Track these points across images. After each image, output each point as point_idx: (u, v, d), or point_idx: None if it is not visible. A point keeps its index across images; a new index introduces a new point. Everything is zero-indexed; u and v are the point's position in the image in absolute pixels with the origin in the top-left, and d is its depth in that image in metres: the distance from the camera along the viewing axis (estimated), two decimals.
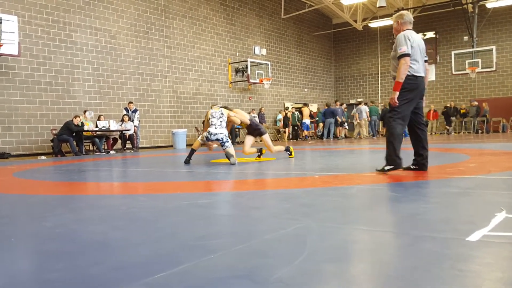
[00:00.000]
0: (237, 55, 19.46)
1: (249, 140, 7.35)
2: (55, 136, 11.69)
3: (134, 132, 13.63)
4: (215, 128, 6.66)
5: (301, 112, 20.19)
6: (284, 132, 20.10)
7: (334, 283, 1.47)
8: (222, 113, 6.80)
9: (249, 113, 18.69)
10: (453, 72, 20.77)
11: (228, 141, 6.71)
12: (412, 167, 4.53)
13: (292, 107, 21.20)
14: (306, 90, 24.11)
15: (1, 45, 10.64)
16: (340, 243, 1.94)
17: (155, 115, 15.74)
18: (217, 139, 6.68)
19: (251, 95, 20.20)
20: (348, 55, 26.28)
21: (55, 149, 11.63)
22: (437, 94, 23.15)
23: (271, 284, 1.43)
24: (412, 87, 4.33)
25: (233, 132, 16.76)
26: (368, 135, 20.00)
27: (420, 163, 4.51)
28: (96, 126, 12.34)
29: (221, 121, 6.75)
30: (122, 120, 13.20)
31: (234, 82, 19.14)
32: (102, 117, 12.78)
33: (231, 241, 2.02)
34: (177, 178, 5.13)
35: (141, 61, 15.31)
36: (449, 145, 9.79)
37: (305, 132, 20.12)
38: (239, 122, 7.09)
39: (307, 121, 20.06)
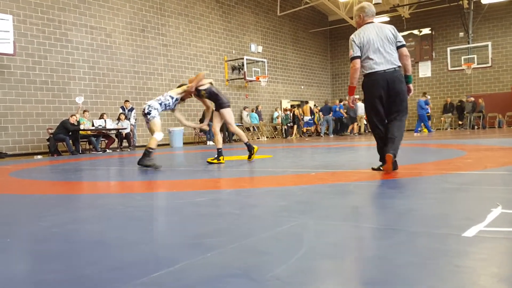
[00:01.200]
0: (233, 52, 19.44)
1: (216, 116, 6.51)
2: (51, 135, 11.65)
3: (131, 130, 13.61)
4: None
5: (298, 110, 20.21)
6: (292, 128, 20.04)
7: (331, 280, 1.47)
8: (165, 92, 6.30)
9: (246, 110, 18.66)
10: (449, 68, 20.80)
11: (151, 112, 5.93)
12: (381, 168, 4.25)
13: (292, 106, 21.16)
14: (302, 87, 24.11)
15: None
16: (337, 241, 1.94)
17: None
18: (143, 114, 6.01)
19: (247, 92, 20.19)
20: (344, 52, 26.25)
21: (51, 149, 11.58)
22: (433, 90, 23.18)
23: (268, 282, 1.43)
24: (367, 85, 4.20)
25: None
26: (364, 132, 20.00)
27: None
28: (93, 125, 12.31)
29: (159, 97, 6.16)
30: (119, 119, 13.17)
31: (230, 79, 19.11)
32: (104, 115, 12.77)
33: (227, 239, 2.01)
34: (172, 176, 5.12)
35: (137, 59, 15.27)
36: (445, 141, 9.82)
37: (305, 129, 20.11)
38: (193, 89, 6.20)
39: (307, 118, 20.06)
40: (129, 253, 1.89)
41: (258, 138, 18.75)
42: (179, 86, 6.42)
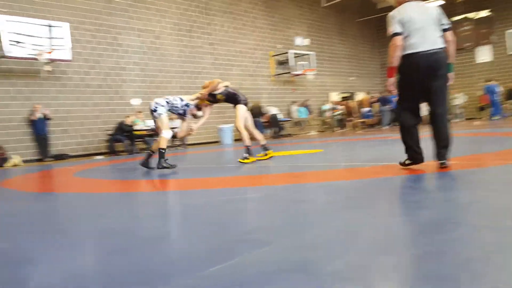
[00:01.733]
0: (279, 47, 19.38)
1: (239, 110, 6.34)
2: (110, 136, 12.19)
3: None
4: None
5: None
6: (344, 120, 19.70)
7: (390, 276, 1.46)
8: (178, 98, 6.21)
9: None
10: (509, 53, 19.64)
11: (157, 109, 5.84)
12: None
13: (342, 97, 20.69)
14: (351, 78, 23.66)
15: (52, 51, 11.14)
16: (395, 235, 1.91)
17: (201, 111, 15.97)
18: (150, 111, 5.93)
19: (294, 87, 20.09)
20: None
21: (110, 149, 12.12)
22: (493, 76, 22.00)
23: (325, 277, 1.43)
24: (406, 69, 3.73)
25: (275, 122, 16.70)
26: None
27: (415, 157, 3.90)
28: (146, 125, 12.71)
29: (168, 96, 6.15)
30: (170, 118, 13.52)
31: (276, 75, 19.08)
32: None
33: (281, 234, 2.03)
34: (224, 173, 5.20)
35: (185, 59, 15.58)
36: (509, 129, 9.33)
37: (364, 121, 19.59)
38: (205, 96, 6.18)
39: (365, 109, 19.60)
40: (186, 248, 1.96)
41: (307, 133, 18.62)
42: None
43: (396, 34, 3.68)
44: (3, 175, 7.64)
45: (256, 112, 15.70)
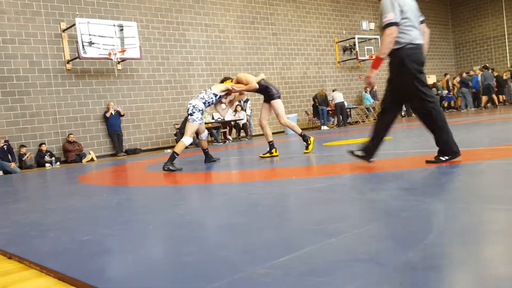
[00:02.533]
0: (344, 33, 18.95)
1: (264, 109, 6.13)
2: (178, 130, 12.63)
3: (247, 121, 14.11)
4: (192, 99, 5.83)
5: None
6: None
7: (466, 266, 1.39)
8: (209, 89, 5.94)
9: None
10: None
11: (193, 114, 5.63)
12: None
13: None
14: None
15: (125, 50, 11.72)
16: (471, 224, 1.82)
17: None
18: (188, 113, 5.75)
19: (360, 73, 19.57)
20: (468, 18, 23.96)
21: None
22: None
23: (397, 267, 1.40)
24: (420, 58, 3.50)
25: (341, 110, 16.34)
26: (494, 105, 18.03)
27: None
28: (212, 118, 13.02)
29: (202, 95, 5.80)
30: (235, 110, 13.75)
31: (342, 61, 18.69)
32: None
33: (351, 225, 2.00)
34: (290, 163, 5.20)
35: (249, 51, 15.71)
36: None
37: (445, 104, 18.61)
38: (239, 91, 5.89)
39: (445, 92, 18.64)
40: (256, 237, 1.99)
41: (374, 119, 18.09)
42: (222, 82, 6.01)
43: (394, 24, 3.39)
44: (81, 170, 8.19)
45: (321, 100, 15.51)
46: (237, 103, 5.32)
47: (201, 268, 1.64)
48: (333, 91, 16.56)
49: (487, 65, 19.18)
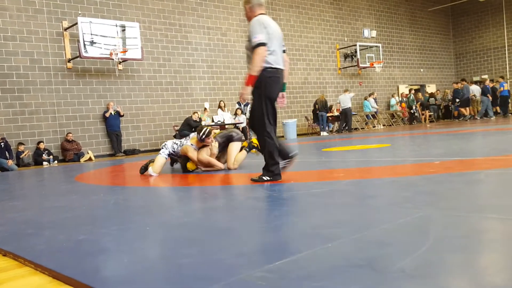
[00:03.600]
0: (346, 40, 19.00)
1: (232, 150, 5.49)
2: (177, 132, 12.62)
3: (247, 124, 14.12)
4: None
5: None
6: (423, 114, 18.99)
7: (462, 274, 1.39)
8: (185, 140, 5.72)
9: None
10: None
11: (161, 149, 5.70)
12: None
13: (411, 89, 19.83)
14: (422, 70, 22.67)
15: (126, 51, 11.73)
16: (467, 233, 1.82)
17: None
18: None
19: (361, 80, 19.62)
20: (469, 28, 24.05)
21: None
22: None
23: (393, 274, 1.40)
24: (274, 82, 3.73)
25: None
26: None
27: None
28: (212, 121, 13.02)
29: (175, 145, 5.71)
30: (235, 114, 13.75)
31: (343, 68, 18.74)
32: (221, 102, 13.54)
33: (348, 230, 2.00)
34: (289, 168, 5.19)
35: None
36: None
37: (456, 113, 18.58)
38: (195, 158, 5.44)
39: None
40: (253, 241, 1.99)
41: (374, 127, 18.14)
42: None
43: (263, 44, 3.63)
44: (79, 169, 8.17)
45: (321, 106, 15.53)
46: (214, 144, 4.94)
47: (197, 270, 1.63)
48: (345, 91, 16.42)
49: (465, 78, 19.50)
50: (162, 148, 5.73)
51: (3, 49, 10.81)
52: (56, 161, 11.00)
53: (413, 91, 19.33)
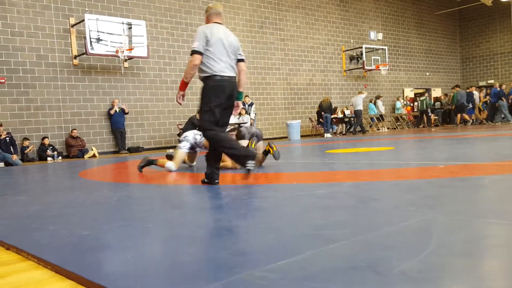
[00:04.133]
0: (352, 42, 18.97)
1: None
2: (181, 131, 12.61)
3: (251, 124, 14.12)
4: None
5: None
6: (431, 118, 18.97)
7: (464, 279, 1.39)
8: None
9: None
10: None
11: (181, 142, 5.72)
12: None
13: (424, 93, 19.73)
14: (428, 74, 22.61)
15: (132, 49, 11.76)
16: (471, 238, 1.81)
17: (269, 107, 16.10)
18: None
19: (366, 82, 19.58)
20: (476, 33, 23.96)
21: None
22: None
23: (394, 277, 1.39)
24: (218, 89, 3.83)
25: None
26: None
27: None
28: None
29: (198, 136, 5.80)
30: (240, 114, 13.77)
31: (348, 70, 18.71)
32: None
33: (350, 232, 2.00)
34: (292, 169, 5.20)
35: (256, 56, 15.74)
36: None
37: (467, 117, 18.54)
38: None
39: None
40: (255, 240, 1.99)
41: (378, 130, 18.10)
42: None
43: (198, 52, 3.77)
44: (83, 165, 8.20)
45: (326, 108, 15.51)
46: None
47: (199, 268, 1.63)
48: (358, 93, 16.42)
49: (459, 84, 19.63)
50: (182, 141, 5.62)
51: (10, 45, 10.86)
52: (60, 157, 11.04)
53: (426, 94, 19.27)
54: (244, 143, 5.47)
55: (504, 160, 4.34)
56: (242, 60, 4.01)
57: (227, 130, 5.30)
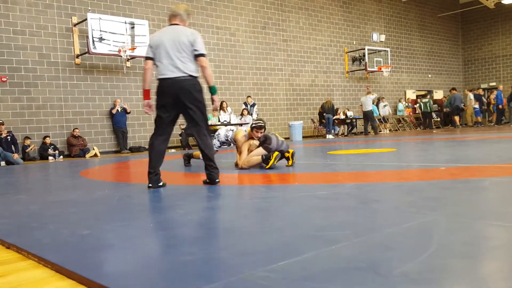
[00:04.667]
0: (354, 43, 18.96)
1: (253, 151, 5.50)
2: (183, 131, 12.65)
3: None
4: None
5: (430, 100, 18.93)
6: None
7: (464, 280, 1.38)
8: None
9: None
10: None
11: (213, 139, 5.80)
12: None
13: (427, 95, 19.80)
14: (430, 76, 22.58)
15: (135, 48, 11.76)
16: (471, 239, 1.81)
17: (272, 108, 16.10)
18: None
19: (368, 84, 19.57)
20: (478, 36, 23.93)
21: (183, 143, 12.59)
22: None
23: (395, 278, 1.39)
24: (159, 92, 3.90)
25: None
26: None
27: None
28: (219, 120, 13.04)
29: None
30: (242, 114, 13.76)
31: (350, 71, 18.70)
32: (223, 102, 13.53)
33: (351, 233, 2.00)
34: (294, 170, 5.19)
35: (259, 56, 15.74)
36: None
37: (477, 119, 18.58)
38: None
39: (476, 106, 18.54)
40: (256, 241, 1.98)
41: (380, 131, 18.09)
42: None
43: (147, 58, 3.93)
44: (84, 165, 8.21)
45: (328, 109, 15.50)
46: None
47: (200, 268, 1.63)
48: (367, 94, 16.47)
49: (455, 87, 19.86)
50: (214, 139, 5.77)
51: (12, 43, 10.88)
52: (61, 156, 11.05)
53: (428, 96, 19.36)
54: (261, 150, 5.33)
55: (505, 163, 4.33)
56: (200, 55, 3.89)
57: (255, 124, 5.38)
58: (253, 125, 5.47)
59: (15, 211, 3.22)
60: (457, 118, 18.11)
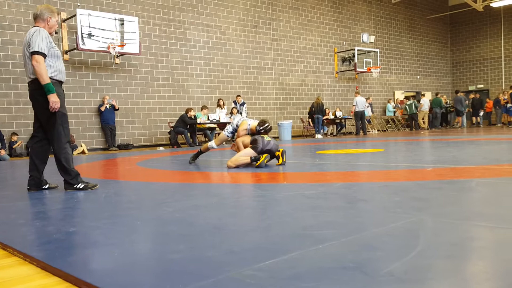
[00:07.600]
0: (344, 44, 19.05)
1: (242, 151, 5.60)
2: (172, 129, 12.59)
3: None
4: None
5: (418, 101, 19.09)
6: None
7: (450, 280, 1.40)
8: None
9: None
10: None
11: (227, 127, 6.01)
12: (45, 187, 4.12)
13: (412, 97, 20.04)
14: (418, 77, 22.78)
15: (124, 45, 11.69)
16: (457, 240, 1.83)
17: (261, 107, 16.11)
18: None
19: (358, 84, 19.68)
20: (467, 38, 24.20)
21: (172, 141, 12.53)
22: None
23: (382, 278, 1.40)
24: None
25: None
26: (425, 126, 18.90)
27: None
28: (208, 119, 13.02)
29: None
30: (231, 113, 13.75)
31: (340, 71, 18.79)
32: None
33: (339, 233, 2.01)
34: (283, 169, 5.20)
35: (249, 55, 15.74)
36: None
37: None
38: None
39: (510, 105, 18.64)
40: (244, 239, 1.99)
41: (368, 131, 18.19)
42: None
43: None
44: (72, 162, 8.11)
45: (317, 109, 15.55)
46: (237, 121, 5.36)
47: (187, 266, 1.63)
48: (356, 94, 16.58)
49: (458, 89, 20.44)
50: (228, 127, 5.99)
51: (0, 38, 10.74)
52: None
53: (412, 98, 19.71)
54: (248, 152, 5.34)
55: (491, 164, 4.39)
56: (33, 53, 3.71)
57: (262, 128, 5.51)
58: (261, 128, 5.57)
59: (1, 208, 3.18)
60: (460, 119, 19.36)
